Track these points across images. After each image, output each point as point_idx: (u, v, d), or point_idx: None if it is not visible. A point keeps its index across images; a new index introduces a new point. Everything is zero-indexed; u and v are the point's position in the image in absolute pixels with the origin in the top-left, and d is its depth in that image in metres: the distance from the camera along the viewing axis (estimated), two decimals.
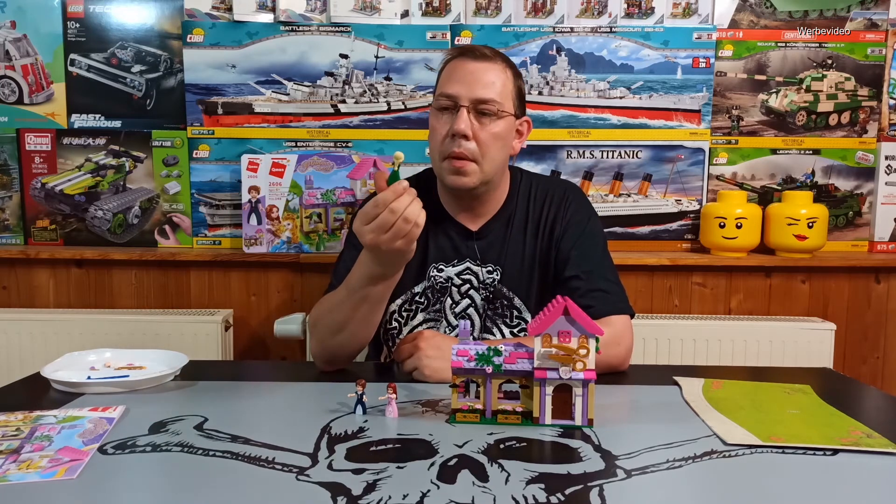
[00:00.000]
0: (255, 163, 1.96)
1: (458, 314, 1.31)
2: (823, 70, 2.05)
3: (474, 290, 1.31)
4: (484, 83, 1.22)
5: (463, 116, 1.21)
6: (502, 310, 1.31)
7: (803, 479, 0.78)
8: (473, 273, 1.31)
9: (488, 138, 1.23)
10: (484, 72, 1.23)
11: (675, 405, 1.04)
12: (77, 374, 1.13)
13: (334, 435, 0.89)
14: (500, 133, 1.24)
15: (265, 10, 2.00)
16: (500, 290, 1.31)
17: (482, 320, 1.31)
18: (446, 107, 1.24)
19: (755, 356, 1.91)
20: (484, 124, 1.22)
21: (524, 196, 1.35)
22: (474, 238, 1.32)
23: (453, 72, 1.25)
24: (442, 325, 1.32)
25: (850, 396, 1.15)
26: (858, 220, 2.10)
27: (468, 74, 1.23)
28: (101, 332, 1.89)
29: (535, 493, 0.73)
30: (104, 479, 0.76)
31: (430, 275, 1.32)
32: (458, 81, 1.23)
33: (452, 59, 1.27)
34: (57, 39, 2.02)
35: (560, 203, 1.33)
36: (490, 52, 1.26)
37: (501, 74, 1.25)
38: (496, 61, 1.25)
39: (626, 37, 2.02)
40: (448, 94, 1.23)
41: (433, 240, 1.32)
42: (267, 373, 1.25)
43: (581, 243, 1.30)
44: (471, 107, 1.22)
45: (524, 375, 0.94)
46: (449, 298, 1.31)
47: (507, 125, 1.26)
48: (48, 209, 2.06)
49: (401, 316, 1.34)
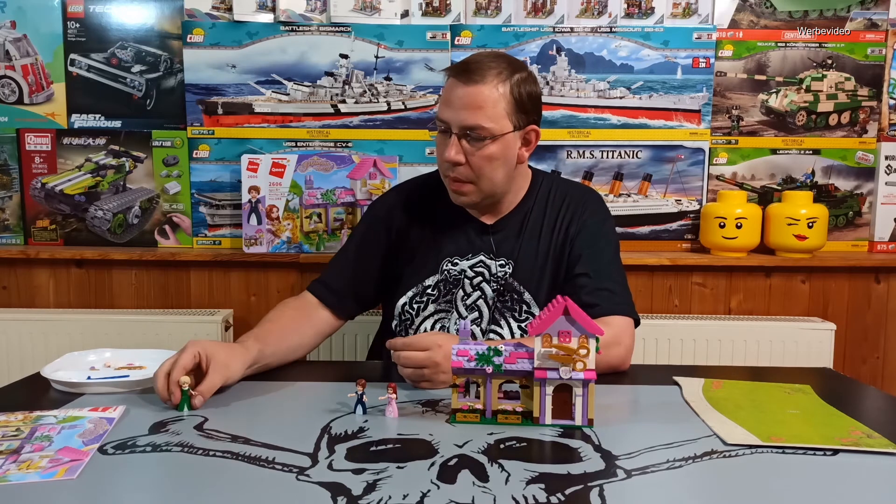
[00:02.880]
0: (255, 163, 1.96)
1: (468, 306, 1.32)
2: (823, 70, 2.05)
3: (486, 283, 1.32)
4: (472, 109, 1.21)
5: (453, 143, 1.22)
6: (512, 303, 1.32)
7: (803, 479, 0.78)
8: (486, 266, 1.33)
9: (480, 161, 1.24)
10: (473, 96, 1.21)
11: (675, 405, 1.04)
12: (77, 374, 1.13)
13: (334, 435, 0.89)
14: (494, 154, 1.24)
15: (265, 10, 2.00)
16: (511, 284, 1.32)
17: (491, 312, 1.32)
18: (443, 129, 1.26)
19: (755, 356, 1.91)
20: (476, 147, 1.23)
21: (543, 196, 1.36)
22: (490, 232, 1.34)
23: (447, 94, 1.25)
24: (452, 317, 1.33)
25: (850, 396, 1.16)
26: (858, 220, 2.10)
27: (457, 100, 1.22)
28: (101, 332, 1.89)
29: (535, 493, 0.73)
30: (104, 480, 0.76)
31: (443, 268, 1.33)
32: (448, 107, 1.24)
33: (449, 77, 1.26)
34: (57, 39, 2.02)
35: (578, 205, 1.35)
36: (484, 68, 1.22)
37: (492, 94, 1.21)
38: (487, 81, 1.21)
39: (626, 37, 2.02)
40: (442, 120, 1.25)
41: (449, 235, 1.34)
42: (267, 373, 1.25)
43: (594, 244, 1.31)
44: (460, 133, 1.23)
45: (524, 375, 0.94)
46: (461, 290, 1.33)
47: (501, 145, 1.24)
48: (48, 209, 2.06)
49: (411, 308, 1.35)
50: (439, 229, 1.35)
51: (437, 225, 1.35)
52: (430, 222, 1.36)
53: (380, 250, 1.38)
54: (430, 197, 1.38)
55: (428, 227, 1.36)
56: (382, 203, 1.43)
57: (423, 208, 1.37)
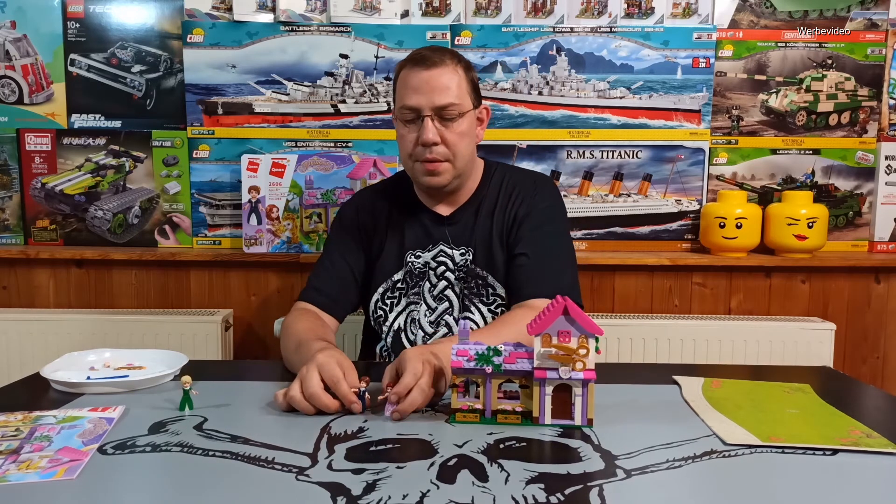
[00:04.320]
0: (255, 163, 1.96)
1: (435, 296, 1.37)
2: (823, 70, 2.05)
3: (450, 272, 1.37)
4: (440, 90, 1.27)
5: (429, 126, 1.27)
6: (478, 289, 1.36)
7: (803, 479, 0.78)
8: (448, 256, 1.37)
9: (455, 138, 1.30)
10: (438, 77, 1.28)
11: (674, 405, 1.04)
12: (77, 374, 1.13)
13: (334, 435, 0.89)
14: (465, 130, 1.32)
15: (265, 10, 2.00)
16: (473, 270, 1.36)
17: (460, 300, 1.36)
18: (411, 118, 1.30)
19: (755, 356, 1.91)
20: (448, 126, 1.30)
21: (496, 185, 1.41)
22: (446, 223, 1.39)
23: (411, 82, 1.29)
24: (421, 308, 1.37)
25: (850, 396, 1.15)
26: (858, 220, 2.10)
27: (424, 84, 1.28)
28: (101, 332, 1.89)
29: (534, 493, 0.73)
30: (104, 480, 0.76)
31: (407, 261, 1.38)
32: (416, 92, 1.28)
33: (404, 69, 1.31)
34: (57, 39, 2.02)
35: (528, 190, 1.39)
36: (438, 54, 1.30)
37: (454, 75, 1.29)
38: (446, 63, 1.29)
39: (626, 37, 2.02)
40: (410, 107, 1.29)
41: (409, 228, 1.39)
42: (267, 373, 1.25)
43: (539, 227, 1.35)
44: (433, 115, 1.28)
45: (524, 375, 0.94)
46: (427, 282, 1.37)
47: (469, 121, 1.32)
48: (48, 209, 2.06)
49: (385, 304, 1.40)
50: (399, 224, 1.40)
51: (397, 220, 1.41)
52: (391, 218, 1.41)
53: (357, 249, 1.41)
54: (388, 195, 1.44)
55: (390, 223, 1.41)
56: (349, 207, 1.48)
57: (383, 207, 1.43)
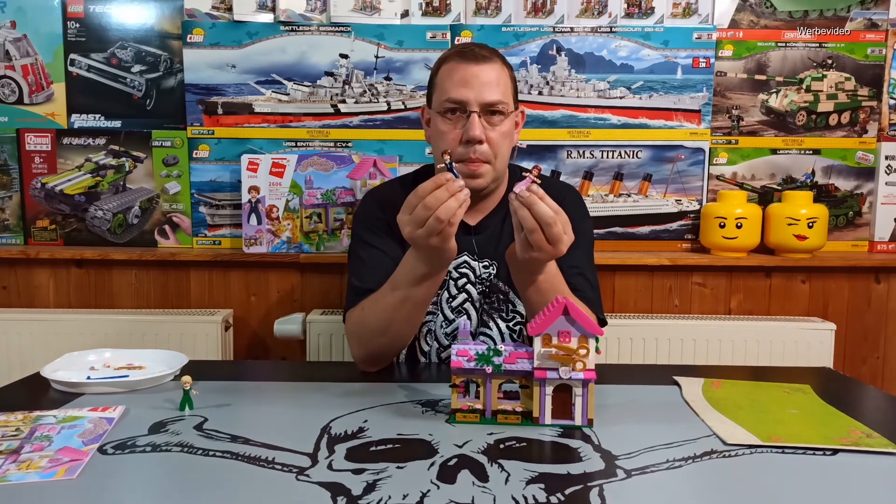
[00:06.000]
0: (255, 163, 1.96)
1: (454, 308, 1.32)
2: (823, 70, 2.05)
3: (471, 285, 1.32)
4: (490, 85, 1.22)
5: (476, 123, 1.21)
6: (498, 304, 1.32)
7: (803, 479, 0.78)
8: (471, 268, 1.32)
9: (498, 138, 1.24)
10: (488, 72, 1.23)
11: (675, 405, 1.04)
12: (77, 374, 1.13)
13: (334, 435, 0.89)
14: (508, 131, 1.27)
15: (265, 10, 2.00)
16: (496, 285, 1.32)
17: (479, 315, 1.32)
18: (454, 110, 1.24)
19: (755, 356, 1.91)
20: (493, 125, 1.24)
21: None
22: (472, 233, 1.33)
23: (455, 75, 1.24)
24: (438, 319, 1.32)
25: (850, 396, 1.16)
26: (858, 220, 2.10)
27: (473, 78, 1.22)
28: (101, 332, 1.89)
29: (534, 493, 0.73)
30: (104, 480, 0.76)
31: None
32: (463, 86, 1.22)
33: (450, 61, 1.26)
34: (57, 39, 2.02)
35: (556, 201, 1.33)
36: (487, 50, 1.26)
37: (502, 72, 1.25)
38: (494, 60, 1.25)
39: (626, 37, 2.02)
40: (456, 100, 1.23)
41: None
42: (267, 373, 1.25)
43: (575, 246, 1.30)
44: (481, 111, 1.22)
45: (524, 375, 0.94)
46: (445, 292, 1.32)
47: (510, 122, 1.27)
48: (48, 209, 2.06)
49: None
50: None
51: None
52: None
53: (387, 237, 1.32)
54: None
55: None
56: (371, 203, 1.38)
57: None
